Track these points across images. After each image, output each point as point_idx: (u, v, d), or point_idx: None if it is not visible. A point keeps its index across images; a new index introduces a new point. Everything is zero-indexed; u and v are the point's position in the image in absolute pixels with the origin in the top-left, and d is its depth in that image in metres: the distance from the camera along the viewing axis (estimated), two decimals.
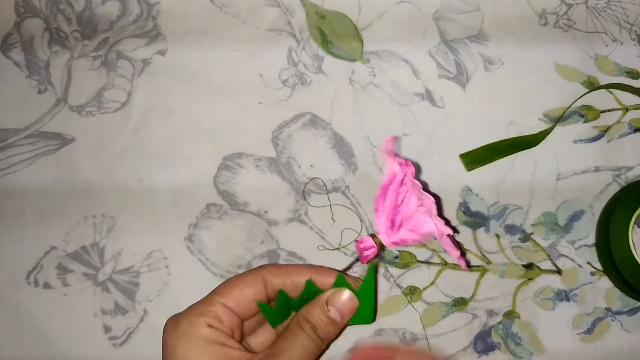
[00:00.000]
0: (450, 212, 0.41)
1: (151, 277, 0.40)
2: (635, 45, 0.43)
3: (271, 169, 0.41)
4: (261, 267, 0.35)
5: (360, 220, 0.41)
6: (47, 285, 0.40)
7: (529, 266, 0.41)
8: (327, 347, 0.34)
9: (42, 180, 0.41)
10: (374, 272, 0.34)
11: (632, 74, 0.43)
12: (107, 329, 0.39)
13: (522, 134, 0.42)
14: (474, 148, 0.41)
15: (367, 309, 0.34)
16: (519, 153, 0.42)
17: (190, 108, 0.42)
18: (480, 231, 0.41)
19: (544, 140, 0.42)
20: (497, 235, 0.41)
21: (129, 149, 0.41)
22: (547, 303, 0.40)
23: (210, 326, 0.32)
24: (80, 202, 0.41)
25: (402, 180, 0.33)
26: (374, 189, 0.41)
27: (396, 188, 0.33)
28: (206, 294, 0.34)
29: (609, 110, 0.42)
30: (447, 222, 0.35)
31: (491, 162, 0.41)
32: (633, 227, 0.39)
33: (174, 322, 0.33)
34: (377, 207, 0.33)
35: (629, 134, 0.42)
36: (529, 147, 0.42)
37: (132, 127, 0.42)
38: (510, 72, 0.42)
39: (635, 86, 0.42)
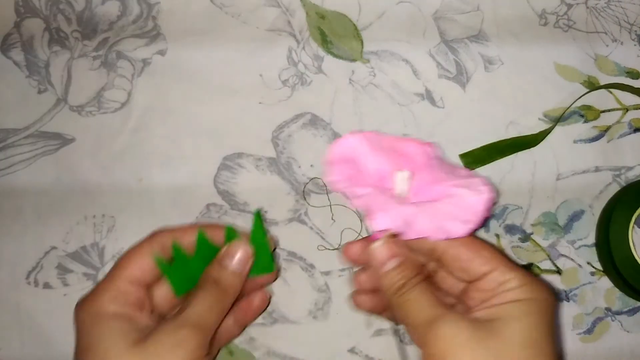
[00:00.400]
0: None
1: None
2: (635, 45, 0.43)
3: (271, 169, 0.41)
4: (152, 232, 0.35)
5: (360, 220, 0.41)
6: (47, 285, 0.40)
7: (529, 266, 0.41)
8: (235, 300, 0.34)
9: (42, 180, 0.41)
10: (260, 220, 0.35)
11: (632, 74, 0.43)
12: None
13: (522, 134, 0.42)
14: (474, 148, 0.41)
15: (264, 258, 0.35)
16: (519, 153, 0.42)
17: (190, 108, 0.42)
18: (480, 231, 0.41)
19: (544, 140, 0.42)
20: (497, 235, 0.41)
21: (128, 149, 0.41)
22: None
23: (115, 301, 0.32)
24: (80, 202, 0.41)
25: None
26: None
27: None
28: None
29: (609, 110, 0.42)
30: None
31: (491, 162, 0.41)
32: (633, 227, 0.39)
33: (79, 305, 0.33)
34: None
35: (629, 134, 0.42)
36: (529, 147, 0.42)
37: (132, 127, 0.42)
38: (510, 72, 0.42)
39: (635, 86, 0.42)
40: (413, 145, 0.34)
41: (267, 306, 0.38)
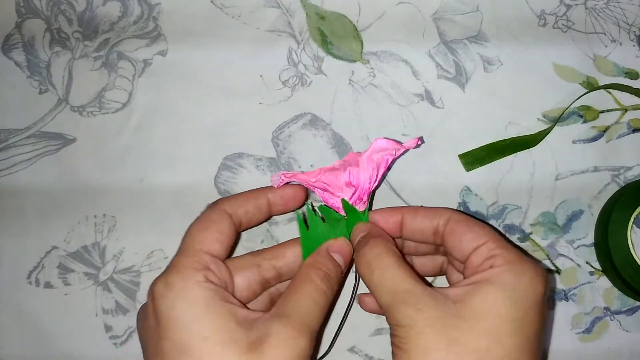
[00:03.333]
0: None
1: (152, 277, 0.39)
2: (634, 45, 0.43)
3: (271, 169, 0.41)
4: (214, 204, 0.32)
5: None
6: (48, 285, 0.40)
7: None
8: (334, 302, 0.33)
9: (43, 180, 0.41)
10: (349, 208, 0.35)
11: (631, 74, 0.43)
12: (108, 328, 0.40)
13: (521, 134, 0.42)
14: (473, 148, 0.42)
15: None
16: (518, 153, 0.42)
17: (191, 108, 0.42)
18: None
19: (543, 141, 0.42)
20: None
21: (129, 149, 0.41)
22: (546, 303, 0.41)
23: (208, 281, 0.28)
24: (81, 202, 0.41)
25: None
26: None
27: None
28: (178, 246, 0.30)
29: (607, 111, 0.43)
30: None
31: (490, 162, 0.41)
32: (632, 226, 0.39)
33: (164, 284, 0.28)
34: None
35: (628, 134, 0.42)
36: (528, 148, 0.42)
37: (133, 127, 0.42)
38: (509, 72, 0.43)
39: (634, 87, 0.42)
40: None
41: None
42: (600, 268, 0.41)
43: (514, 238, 0.41)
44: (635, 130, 0.42)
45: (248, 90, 0.42)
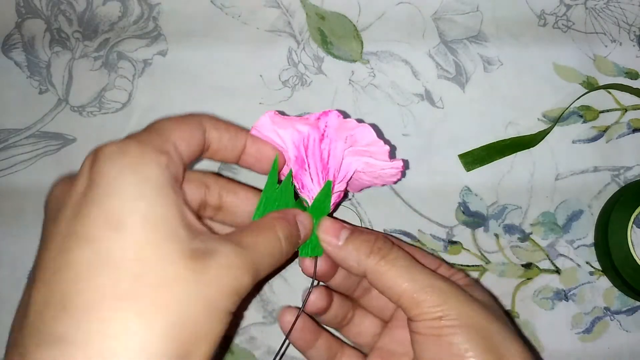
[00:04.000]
0: (449, 212, 0.41)
1: None
2: (634, 45, 0.43)
3: None
4: (196, 114, 0.29)
5: (360, 220, 0.41)
6: None
7: (528, 266, 0.41)
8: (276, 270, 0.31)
9: (43, 181, 0.41)
10: (329, 187, 0.33)
11: (631, 74, 0.43)
12: None
13: (521, 134, 0.42)
14: (473, 148, 0.42)
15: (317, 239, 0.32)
16: (518, 153, 0.42)
17: (191, 108, 0.42)
18: (480, 231, 0.41)
19: (543, 141, 0.42)
20: (496, 235, 0.41)
21: None
22: (546, 302, 0.41)
23: (167, 167, 0.24)
24: None
25: (322, 135, 0.32)
26: (374, 189, 0.41)
27: (314, 148, 0.32)
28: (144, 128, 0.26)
29: (607, 111, 0.43)
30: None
31: (490, 162, 0.41)
32: (632, 227, 0.39)
33: (118, 148, 0.23)
34: (302, 180, 0.33)
35: (628, 134, 0.42)
36: (528, 148, 0.42)
37: (133, 127, 0.42)
38: (509, 72, 0.43)
39: (634, 87, 0.42)
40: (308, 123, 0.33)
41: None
42: (600, 268, 0.41)
43: (513, 238, 0.41)
44: (635, 130, 0.42)
45: (248, 90, 0.42)
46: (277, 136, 0.32)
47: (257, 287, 0.37)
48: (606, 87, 0.42)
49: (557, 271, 0.41)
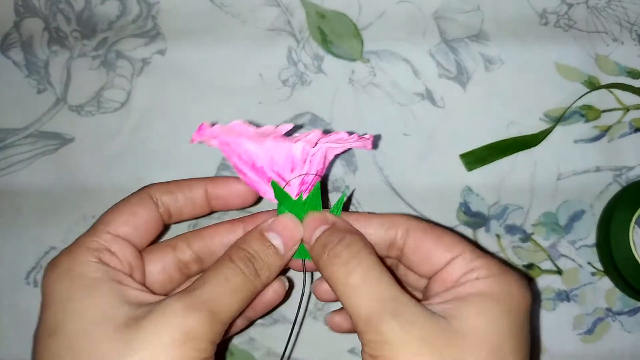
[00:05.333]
0: (450, 212, 0.41)
1: None
2: (636, 45, 0.43)
3: None
4: (147, 185, 0.29)
5: None
6: None
7: (529, 266, 0.41)
8: (263, 288, 0.28)
9: (41, 180, 0.41)
10: (319, 191, 0.29)
11: (633, 73, 0.43)
12: None
13: (522, 134, 0.42)
14: (475, 148, 0.41)
15: None
16: (520, 153, 0.42)
17: (190, 108, 0.42)
18: (481, 231, 0.41)
19: (544, 140, 0.42)
20: (498, 236, 0.41)
21: (128, 149, 0.41)
22: (548, 303, 0.40)
23: (99, 261, 0.25)
24: (79, 202, 0.40)
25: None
26: (375, 188, 0.41)
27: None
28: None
29: (609, 110, 0.42)
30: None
31: (491, 162, 0.41)
32: (634, 227, 0.39)
33: (52, 263, 0.26)
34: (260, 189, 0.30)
35: (630, 133, 0.42)
36: (530, 147, 0.41)
37: (132, 127, 0.42)
38: (510, 71, 0.42)
39: (636, 86, 0.42)
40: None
41: (285, 299, 0.32)
42: (602, 269, 0.41)
43: (515, 238, 0.41)
44: (637, 130, 0.42)
45: (247, 90, 0.42)
46: (253, 146, 0.30)
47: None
48: (608, 86, 0.42)
49: (559, 272, 0.41)
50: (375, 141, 0.32)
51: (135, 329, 0.23)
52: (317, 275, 0.37)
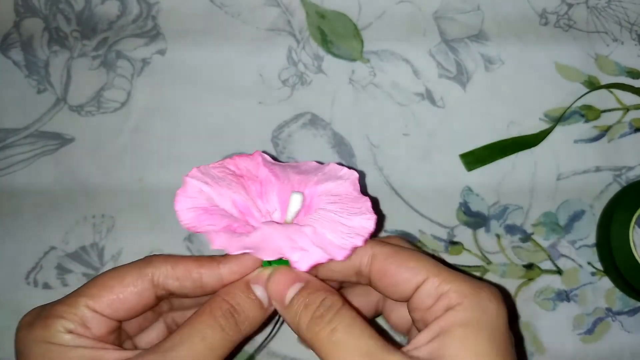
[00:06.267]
0: (450, 212, 0.41)
1: None
2: (636, 45, 0.43)
3: None
4: (147, 260, 0.27)
5: None
6: (46, 286, 0.40)
7: (529, 266, 0.41)
8: (244, 343, 0.28)
9: (41, 180, 0.41)
10: None
11: (633, 73, 0.43)
12: None
13: (522, 134, 0.42)
14: (475, 148, 0.41)
15: None
16: (520, 153, 0.41)
17: (190, 108, 0.42)
18: (481, 231, 0.41)
19: (544, 140, 0.42)
20: (498, 236, 0.41)
21: (128, 149, 0.41)
22: (548, 303, 0.40)
23: (70, 332, 0.26)
24: (79, 202, 0.40)
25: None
26: (375, 189, 0.41)
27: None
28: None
29: (609, 110, 0.42)
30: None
31: (492, 162, 0.41)
32: (634, 227, 0.39)
33: (27, 324, 0.26)
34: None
35: (630, 133, 0.42)
36: (530, 147, 0.41)
37: (132, 126, 0.41)
38: (510, 72, 0.42)
39: (636, 86, 0.42)
40: (242, 161, 0.30)
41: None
42: (601, 268, 0.41)
43: (515, 238, 0.41)
44: (637, 130, 0.42)
45: (247, 90, 0.42)
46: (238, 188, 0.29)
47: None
48: (608, 86, 0.42)
49: (559, 272, 0.41)
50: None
51: None
52: None
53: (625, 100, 0.42)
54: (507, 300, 0.27)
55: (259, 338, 0.37)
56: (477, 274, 0.40)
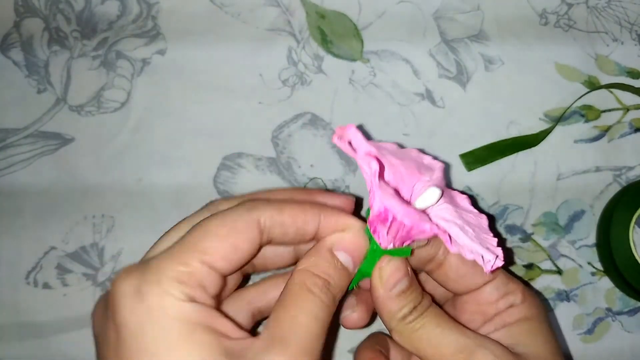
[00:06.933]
0: None
1: None
2: (636, 45, 0.43)
3: (271, 168, 0.41)
4: (252, 204, 0.25)
5: None
6: (46, 286, 0.40)
7: (529, 266, 0.41)
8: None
9: (41, 180, 0.41)
10: (407, 253, 0.28)
11: (633, 73, 0.43)
12: None
13: (522, 134, 0.42)
14: (475, 148, 0.41)
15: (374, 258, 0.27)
16: (520, 153, 0.42)
17: (190, 108, 0.42)
18: None
19: (544, 140, 0.42)
20: (497, 236, 0.41)
21: (128, 149, 0.41)
22: (548, 303, 0.40)
23: (192, 300, 0.22)
24: (79, 202, 0.40)
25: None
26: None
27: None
28: (175, 242, 0.24)
29: (609, 110, 0.42)
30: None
31: (491, 161, 0.41)
32: (634, 227, 0.39)
33: (135, 290, 0.22)
34: (375, 229, 0.27)
35: (630, 133, 0.42)
36: (530, 147, 0.41)
37: (132, 126, 0.41)
38: (510, 71, 0.42)
39: (636, 86, 0.42)
40: (430, 159, 0.30)
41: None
42: (602, 269, 0.41)
43: (515, 238, 0.41)
44: (637, 130, 0.42)
45: (247, 90, 0.42)
46: (370, 183, 0.26)
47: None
48: (608, 86, 0.42)
49: (559, 272, 0.41)
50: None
51: None
52: None
53: (625, 100, 0.42)
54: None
55: None
56: None
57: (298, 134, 0.41)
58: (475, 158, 0.41)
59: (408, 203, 0.28)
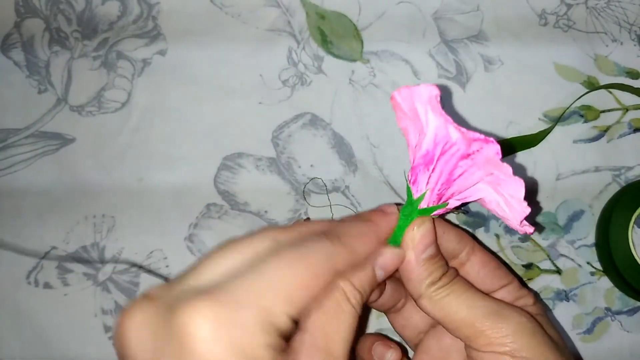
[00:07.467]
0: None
1: (151, 277, 0.40)
2: (635, 45, 0.43)
3: (271, 168, 0.41)
4: (336, 275, 0.25)
5: None
6: (47, 285, 0.40)
7: (528, 266, 0.41)
8: None
9: (42, 181, 0.41)
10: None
11: (632, 74, 0.43)
12: (107, 328, 0.39)
13: (522, 134, 0.42)
14: None
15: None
16: (519, 153, 0.42)
17: (190, 108, 0.42)
18: (480, 231, 0.41)
19: (543, 140, 0.42)
20: (497, 235, 0.41)
21: (129, 149, 0.41)
22: (547, 303, 0.40)
23: (272, 348, 0.21)
24: (80, 202, 0.41)
25: (468, 155, 0.28)
26: (375, 188, 0.41)
27: (451, 159, 0.28)
28: (247, 282, 0.22)
29: (608, 110, 0.42)
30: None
31: None
32: (633, 227, 0.39)
33: (212, 325, 0.20)
34: (417, 176, 0.29)
35: (629, 134, 0.42)
36: (529, 147, 0.42)
37: (132, 127, 0.42)
38: (510, 72, 0.42)
39: (635, 86, 0.42)
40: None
41: None
42: (601, 268, 0.41)
43: (514, 238, 0.41)
44: (636, 130, 0.42)
45: (248, 90, 0.42)
46: (425, 114, 0.29)
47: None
48: (607, 86, 0.42)
49: (558, 271, 0.41)
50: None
51: None
52: None
53: (625, 100, 0.43)
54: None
55: None
56: None
57: (298, 134, 0.42)
58: None
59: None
